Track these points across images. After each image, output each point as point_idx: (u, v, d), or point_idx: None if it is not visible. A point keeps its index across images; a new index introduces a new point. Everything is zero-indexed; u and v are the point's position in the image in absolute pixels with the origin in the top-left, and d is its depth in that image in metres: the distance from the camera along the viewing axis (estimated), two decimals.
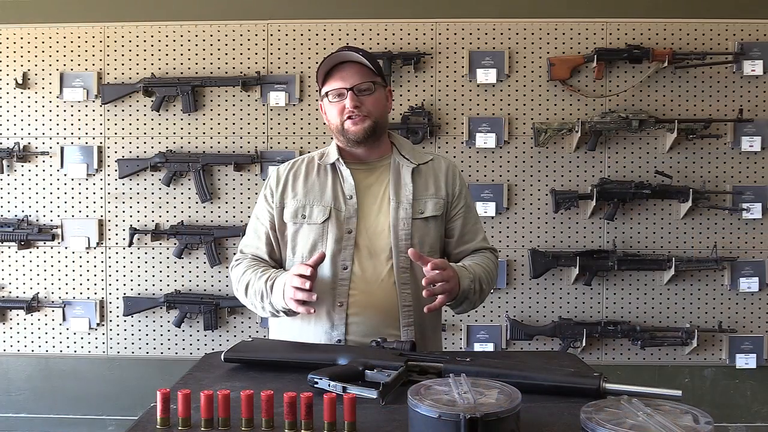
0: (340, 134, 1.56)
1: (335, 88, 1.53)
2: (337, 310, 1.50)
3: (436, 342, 1.64)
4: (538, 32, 3.04)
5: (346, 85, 1.52)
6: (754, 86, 3.02)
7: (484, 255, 1.62)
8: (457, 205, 1.62)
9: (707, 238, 3.02)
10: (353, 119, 1.52)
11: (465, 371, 1.12)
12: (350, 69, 1.53)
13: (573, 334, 2.96)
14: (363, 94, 1.53)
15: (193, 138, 3.08)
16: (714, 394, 3.04)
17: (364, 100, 1.53)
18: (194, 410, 0.97)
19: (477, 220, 1.67)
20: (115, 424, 3.12)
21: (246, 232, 1.65)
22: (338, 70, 1.53)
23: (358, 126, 1.52)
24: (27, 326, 3.13)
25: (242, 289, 1.54)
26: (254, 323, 3.08)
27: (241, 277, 1.55)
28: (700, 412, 0.84)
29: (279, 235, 1.59)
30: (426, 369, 1.20)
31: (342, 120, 1.53)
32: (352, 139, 1.54)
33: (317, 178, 1.58)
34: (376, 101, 1.55)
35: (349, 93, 1.51)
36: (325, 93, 1.55)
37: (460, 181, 1.64)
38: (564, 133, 2.99)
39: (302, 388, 1.02)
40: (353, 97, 1.51)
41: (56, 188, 3.11)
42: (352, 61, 1.53)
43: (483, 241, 1.66)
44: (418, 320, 1.54)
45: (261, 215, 1.61)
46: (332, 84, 1.53)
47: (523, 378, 1.12)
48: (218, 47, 3.07)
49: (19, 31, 3.09)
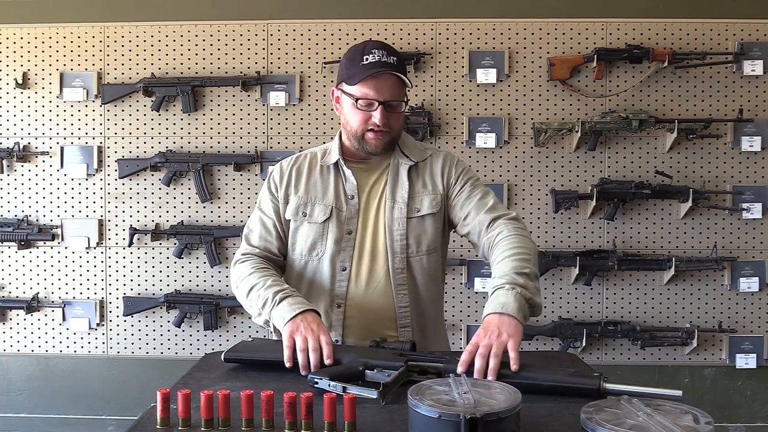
0: (356, 140, 1.52)
1: (369, 97, 1.46)
2: (335, 311, 1.49)
3: (439, 341, 1.62)
4: (538, 32, 3.03)
5: (379, 98, 1.45)
6: (754, 86, 3.02)
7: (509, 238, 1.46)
8: (455, 187, 1.56)
9: (707, 238, 3.02)
10: (376, 133, 1.49)
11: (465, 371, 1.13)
12: (387, 81, 1.46)
13: (573, 334, 2.96)
14: (392, 110, 1.49)
15: (193, 138, 3.08)
16: (714, 394, 3.04)
17: (390, 116, 1.49)
18: (194, 410, 0.97)
19: (486, 192, 1.57)
20: (115, 424, 3.12)
21: (250, 227, 1.58)
22: (374, 77, 1.45)
23: (379, 141, 1.50)
24: (27, 326, 3.13)
25: (245, 289, 1.47)
26: (254, 323, 3.08)
27: (247, 278, 1.47)
28: (700, 412, 0.84)
29: (285, 228, 1.56)
30: (426, 369, 1.20)
31: (364, 129, 1.49)
32: (369, 151, 1.52)
33: (320, 177, 1.57)
34: (400, 117, 1.53)
35: (380, 108, 1.46)
36: (356, 98, 1.47)
37: (457, 168, 1.58)
38: (564, 133, 2.99)
39: (302, 388, 1.02)
40: (384, 113, 1.47)
41: (56, 188, 3.11)
42: (390, 72, 1.45)
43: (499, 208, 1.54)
44: (417, 321, 1.53)
45: (267, 209, 1.58)
46: (365, 91, 1.46)
47: (523, 378, 1.12)
48: (218, 47, 3.07)
49: (19, 31, 3.09)
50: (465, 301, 3.05)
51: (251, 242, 1.56)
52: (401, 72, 1.47)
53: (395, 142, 1.55)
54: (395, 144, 1.56)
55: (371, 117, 1.47)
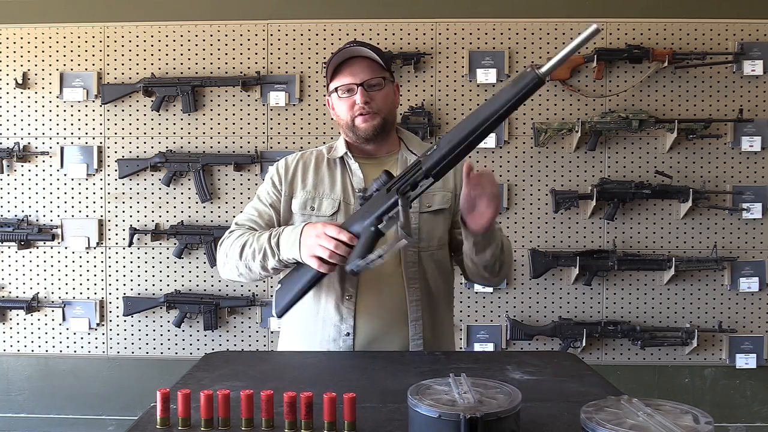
0: (349, 130, 1.54)
1: (345, 83, 1.50)
2: (346, 303, 1.49)
3: (448, 336, 1.62)
4: (538, 32, 3.04)
5: (356, 80, 1.49)
6: (754, 86, 3.02)
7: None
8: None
9: (707, 238, 3.02)
10: (364, 116, 1.50)
11: (437, 146, 1.21)
12: (360, 64, 1.50)
13: (573, 334, 2.96)
14: (373, 89, 1.51)
15: (193, 138, 3.08)
16: (714, 394, 3.04)
17: (374, 96, 1.51)
18: (194, 410, 0.97)
19: None
20: (114, 424, 3.12)
21: (242, 212, 1.59)
22: (347, 65, 1.51)
23: (368, 123, 1.51)
24: (27, 326, 3.13)
25: (236, 251, 1.46)
26: (254, 323, 3.08)
27: (237, 240, 1.48)
28: (701, 412, 0.84)
29: (282, 223, 1.56)
30: (414, 181, 1.26)
31: (352, 116, 1.52)
32: (362, 136, 1.53)
33: (327, 171, 1.57)
34: (386, 97, 1.54)
35: (359, 89, 1.49)
36: (335, 89, 1.53)
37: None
38: (564, 133, 2.99)
39: (302, 388, 1.02)
40: (363, 93, 1.49)
41: (56, 188, 3.11)
42: (362, 56, 1.52)
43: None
44: (428, 315, 1.53)
45: (264, 197, 1.57)
46: (342, 79, 1.51)
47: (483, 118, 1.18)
48: (218, 47, 3.07)
49: (19, 31, 3.10)
50: (465, 301, 3.05)
51: (237, 221, 1.57)
52: (371, 49, 1.51)
53: (389, 126, 1.55)
54: (389, 128, 1.56)
55: (355, 102, 1.50)
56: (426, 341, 1.51)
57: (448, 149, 1.21)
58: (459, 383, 0.94)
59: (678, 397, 2.44)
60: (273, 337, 3.08)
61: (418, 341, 1.50)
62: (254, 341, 3.09)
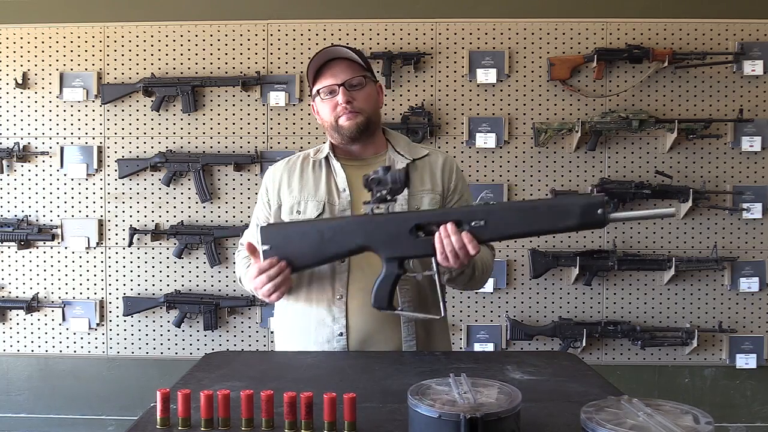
0: (334, 131, 1.55)
1: (326, 85, 1.52)
2: (337, 303, 1.49)
3: (443, 338, 1.61)
4: (538, 32, 3.04)
5: (337, 81, 1.51)
6: (754, 86, 3.02)
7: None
8: (452, 199, 1.60)
9: (707, 238, 3.02)
10: (346, 115, 1.52)
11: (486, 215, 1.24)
12: (340, 65, 1.52)
13: (573, 334, 2.96)
14: (354, 89, 1.53)
15: (193, 138, 3.08)
16: (714, 394, 3.04)
17: (356, 95, 1.52)
18: (194, 410, 0.97)
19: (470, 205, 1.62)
20: (114, 424, 3.12)
21: (253, 214, 1.68)
22: (328, 67, 1.53)
23: (351, 121, 1.52)
24: (27, 326, 3.13)
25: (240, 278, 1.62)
26: (254, 323, 3.08)
27: (239, 267, 1.62)
28: (701, 412, 0.84)
29: None
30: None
31: (336, 116, 1.53)
32: (346, 135, 1.54)
33: (312, 174, 1.58)
34: (368, 96, 1.55)
35: (341, 89, 1.51)
36: (317, 91, 1.55)
37: (457, 175, 1.61)
38: (564, 133, 2.99)
39: (302, 388, 1.02)
40: (345, 93, 1.51)
41: (56, 188, 3.11)
42: (341, 57, 1.53)
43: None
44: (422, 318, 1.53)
45: (260, 208, 1.63)
46: (323, 81, 1.53)
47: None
48: (218, 47, 3.07)
49: (19, 31, 3.10)
50: (465, 301, 3.05)
51: (249, 228, 1.66)
52: (350, 50, 1.53)
53: (372, 125, 1.56)
54: (373, 127, 1.57)
55: (337, 102, 1.52)
56: (419, 340, 1.51)
57: (492, 232, 1.26)
58: (459, 383, 0.94)
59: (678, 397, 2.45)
60: (273, 337, 3.08)
61: (411, 342, 1.50)
62: (254, 341, 3.09)
